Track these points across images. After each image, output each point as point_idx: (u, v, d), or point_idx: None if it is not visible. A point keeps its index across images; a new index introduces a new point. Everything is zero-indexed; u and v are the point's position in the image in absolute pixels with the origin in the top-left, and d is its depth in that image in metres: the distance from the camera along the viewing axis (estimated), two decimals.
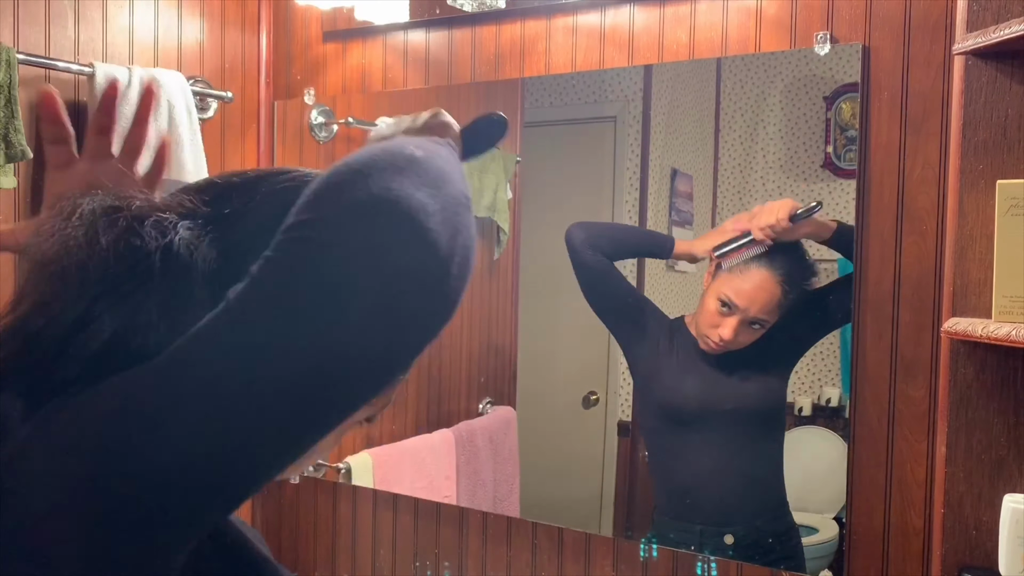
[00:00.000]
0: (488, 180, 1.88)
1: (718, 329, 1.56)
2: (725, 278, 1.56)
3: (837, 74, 1.48)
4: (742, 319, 1.54)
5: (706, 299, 1.58)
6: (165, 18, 1.84)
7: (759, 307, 1.54)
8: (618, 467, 1.76)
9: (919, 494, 1.42)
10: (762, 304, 1.54)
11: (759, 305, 1.54)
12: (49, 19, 1.63)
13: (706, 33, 1.57)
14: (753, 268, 1.54)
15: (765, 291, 1.54)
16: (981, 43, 1.18)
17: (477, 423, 1.94)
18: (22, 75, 1.52)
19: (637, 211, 1.70)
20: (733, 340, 1.55)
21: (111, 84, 0.96)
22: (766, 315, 1.54)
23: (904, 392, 1.42)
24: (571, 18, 1.70)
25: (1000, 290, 1.17)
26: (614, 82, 1.69)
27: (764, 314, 1.54)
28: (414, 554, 1.93)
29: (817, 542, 1.55)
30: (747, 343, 1.56)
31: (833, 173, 1.51)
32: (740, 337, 1.55)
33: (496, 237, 1.88)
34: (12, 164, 1.48)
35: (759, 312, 1.54)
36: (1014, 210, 1.16)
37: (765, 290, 1.54)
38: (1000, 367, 1.24)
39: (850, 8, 1.44)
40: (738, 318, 1.54)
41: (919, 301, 1.41)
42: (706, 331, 1.58)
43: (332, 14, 1.97)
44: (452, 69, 1.84)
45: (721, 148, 1.61)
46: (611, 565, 1.69)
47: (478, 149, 0.76)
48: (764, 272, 1.54)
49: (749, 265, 1.55)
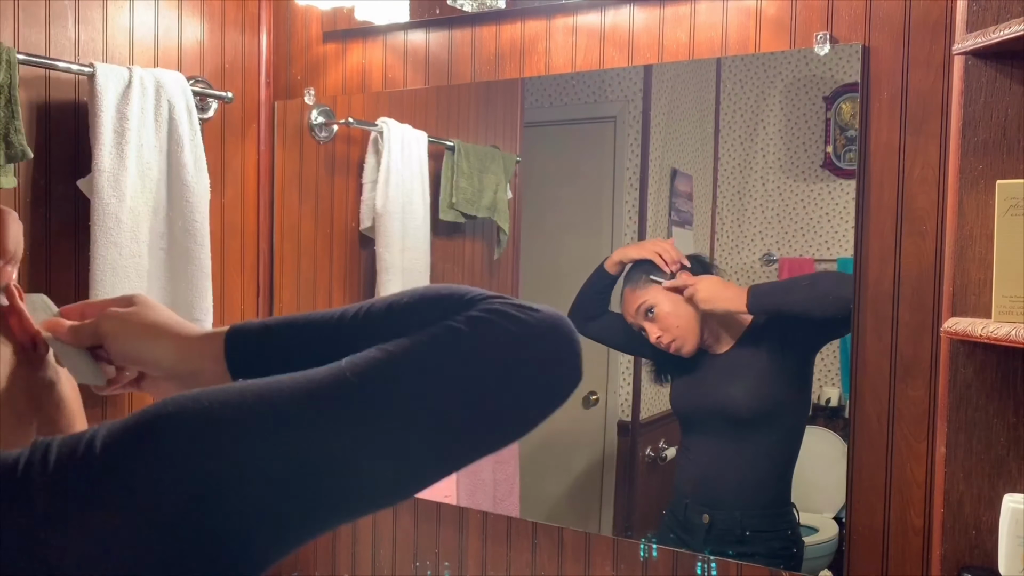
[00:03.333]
0: (488, 180, 1.88)
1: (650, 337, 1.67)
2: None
3: (837, 74, 1.48)
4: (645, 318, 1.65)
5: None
6: (165, 18, 1.84)
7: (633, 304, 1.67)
8: (618, 467, 1.76)
9: (919, 494, 1.42)
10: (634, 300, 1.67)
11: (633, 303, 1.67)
12: (49, 19, 1.63)
13: (706, 33, 1.57)
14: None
15: (629, 296, 1.67)
16: (981, 43, 1.18)
17: None
18: (22, 75, 1.52)
19: (637, 211, 1.70)
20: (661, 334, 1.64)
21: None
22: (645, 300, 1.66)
23: (904, 392, 1.42)
24: (571, 18, 1.70)
25: (1000, 290, 1.17)
26: (614, 82, 1.69)
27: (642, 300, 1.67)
28: (414, 554, 1.93)
29: (817, 542, 1.55)
30: (676, 321, 1.62)
31: (833, 173, 1.52)
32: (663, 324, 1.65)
33: (496, 237, 1.88)
34: (12, 164, 1.48)
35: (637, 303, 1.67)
36: (1014, 210, 1.16)
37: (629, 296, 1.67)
38: (1000, 367, 1.24)
39: (850, 8, 1.44)
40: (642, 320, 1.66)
41: (919, 301, 1.41)
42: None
43: (332, 14, 1.97)
44: (452, 69, 1.84)
45: (721, 148, 1.61)
46: (611, 565, 1.69)
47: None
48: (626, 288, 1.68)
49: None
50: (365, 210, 1.97)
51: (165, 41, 1.84)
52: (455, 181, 1.89)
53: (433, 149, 1.92)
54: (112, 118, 1.62)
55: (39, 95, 1.63)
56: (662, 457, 1.74)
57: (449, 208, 1.91)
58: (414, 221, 1.92)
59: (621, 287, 1.69)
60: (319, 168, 2.02)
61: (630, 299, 1.67)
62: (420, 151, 1.92)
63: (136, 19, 1.78)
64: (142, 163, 1.66)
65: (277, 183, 2.04)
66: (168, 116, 1.71)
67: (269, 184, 2.04)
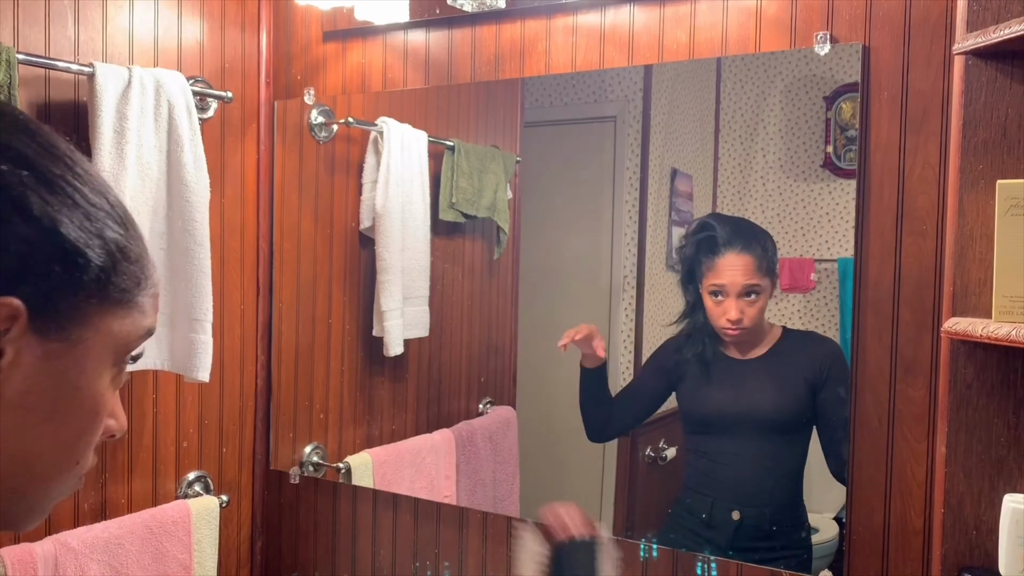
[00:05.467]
0: (488, 180, 1.88)
1: (725, 315, 1.61)
2: (707, 275, 1.63)
3: (837, 74, 1.48)
4: (736, 294, 1.60)
5: (704, 299, 1.63)
6: (165, 18, 1.84)
7: (744, 276, 1.60)
8: (618, 467, 1.76)
9: (919, 494, 1.42)
10: (744, 272, 1.60)
11: (742, 274, 1.60)
12: (49, 19, 1.63)
13: (706, 33, 1.57)
14: (719, 255, 1.62)
15: (742, 262, 1.60)
16: (981, 43, 1.18)
17: (477, 423, 1.94)
18: (22, 75, 1.52)
19: (637, 211, 1.70)
20: (741, 318, 1.60)
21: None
22: (754, 279, 1.59)
23: (904, 392, 1.42)
24: (571, 18, 1.70)
25: (1000, 290, 1.17)
26: (614, 82, 1.69)
27: (753, 279, 1.59)
28: (414, 554, 1.93)
29: (817, 542, 1.55)
30: (756, 315, 1.60)
31: (833, 173, 1.52)
32: (747, 311, 1.60)
33: (496, 237, 1.88)
34: None
35: (747, 280, 1.59)
36: (1014, 210, 1.16)
37: (741, 262, 1.60)
38: (1000, 367, 1.24)
39: (850, 8, 1.44)
40: (733, 296, 1.60)
41: (919, 301, 1.41)
42: (717, 323, 1.62)
43: (332, 14, 1.97)
44: (452, 69, 1.84)
45: (721, 148, 1.62)
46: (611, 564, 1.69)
47: None
48: (731, 251, 1.60)
49: (715, 254, 1.62)
50: (365, 210, 1.97)
51: (165, 41, 1.84)
52: (455, 181, 1.89)
53: (433, 149, 1.92)
54: (112, 118, 1.62)
55: (39, 95, 1.62)
56: (662, 457, 1.74)
57: (449, 208, 1.91)
58: (414, 221, 1.92)
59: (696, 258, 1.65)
60: (319, 168, 2.02)
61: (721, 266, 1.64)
62: (420, 151, 1.92)
63: (136, 19, 1.78)
64: (142, 163, 1.66)
65: (277, 183, 2.04)
66: (168, 116, 1.71)
67: (269, 184, 2.04)
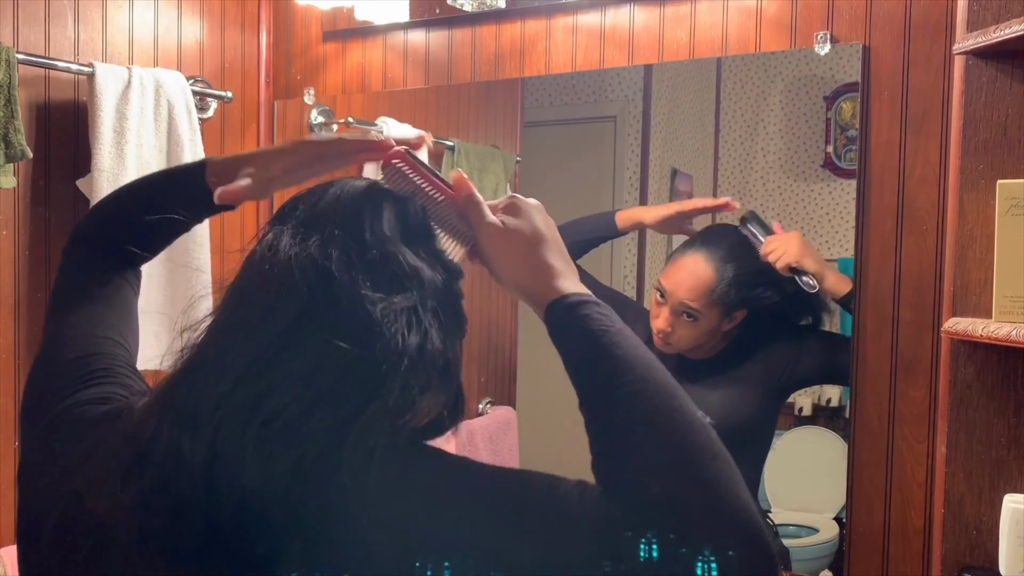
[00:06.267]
0: (488, 180, 1.88)
1: (656, 320, 1.52)
2: (664, 269, 1.52)
3: (837, 74, 1.48)
4: (672, 307, 1.50)
5: (653, 293, 1.55)
6: (165, 18, 1.84)
7: (684, 291, 1.48)
8: None
9: (919, 494, 1.42)
10: (688, 288, 1.48)
11: (684, 289, 1.48)
12: (49, 19, 1.63)
13: (706, 33, 1.57)
14: (688, 253, 1.50)
15: (693, 275, 1.48)
16: (981, 43, 1.18)
17: (477, 423, 1.94)
18: (21, 75, 1.52)
19: None
20: (671, 332, 1.50)
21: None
22: (693, 301, 1.48)
23: (904, 392, 1.42)
24: (571, 18, 1.70)
25: (1000, 290, 1.17)
26: (614, 82, 1.69)
27: (691, 300, 1.48)
28: None
29: (817, 542, 1.55)
30: (689, 338, 1.50)
31: (833, 173, 1.51)
32: (678, 330, 1.50)
33: None
34: (12, 164, 1.48)
35: (685, 297, 1.48)
36: (1014, 210, 1.16)
37: (693, 274, 1.48)
38: (1000, 367, 1.24)
39: (850, 8, 1.44)
40: (669, 306, 1.50)
41: (919, 301, 1.41)
42: (652, 323, 1.53)
43: (332, 14, 1.97)
44: (452, 69, 1.84)
45: (721, 148, 1.61)
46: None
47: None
48: (696, 255, 1.49)
49: (685, 250, 1.51)
50: None
51: (165, 41, 1.84)
52: None
53: (433, 149, 1.92)
54: (112, 118, 1.62)
55: (39, 95, 1.62)
56: None
57: None
58: None
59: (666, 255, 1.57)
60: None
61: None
62: (420, 151, 1.92)
63: (136, 19, 1.78)
64: (142, 163, 1.66)
65: None
66: (168, 116, 1.71)
67: None
